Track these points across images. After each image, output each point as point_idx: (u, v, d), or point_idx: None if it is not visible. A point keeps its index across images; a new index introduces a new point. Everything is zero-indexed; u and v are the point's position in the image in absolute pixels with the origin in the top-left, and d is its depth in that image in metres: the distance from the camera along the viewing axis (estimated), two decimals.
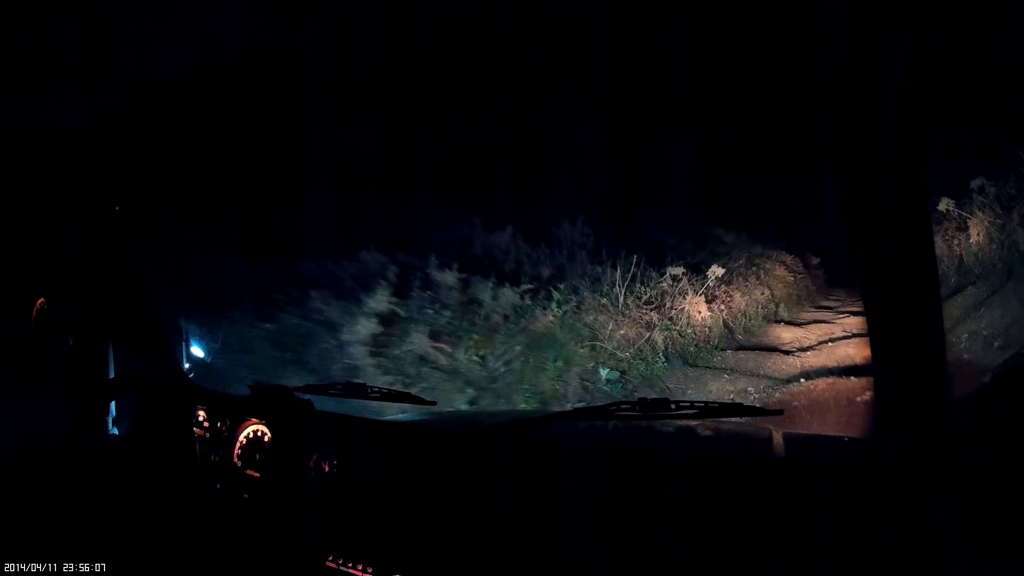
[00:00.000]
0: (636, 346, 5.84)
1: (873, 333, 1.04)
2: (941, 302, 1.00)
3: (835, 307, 7.49)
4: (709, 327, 6.31)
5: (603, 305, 6.10)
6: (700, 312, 6.29)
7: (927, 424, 1.02)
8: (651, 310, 6.18)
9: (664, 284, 6.33)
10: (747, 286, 6.99)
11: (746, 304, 6.77)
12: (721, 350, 6.22)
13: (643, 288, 6.25)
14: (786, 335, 6.53)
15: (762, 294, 7.05)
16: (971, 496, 1.01)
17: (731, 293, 6.69)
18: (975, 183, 5.94)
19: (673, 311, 6.25)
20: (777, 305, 7.21)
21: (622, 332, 5.94)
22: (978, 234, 5.89)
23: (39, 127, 1.77)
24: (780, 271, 7.68)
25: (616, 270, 6.18)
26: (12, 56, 1.38)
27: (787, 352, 6.01)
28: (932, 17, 0.86)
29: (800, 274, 7.99)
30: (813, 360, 5.63)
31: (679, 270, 6.38)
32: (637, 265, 6.25)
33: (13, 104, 1.64)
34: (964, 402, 1.10)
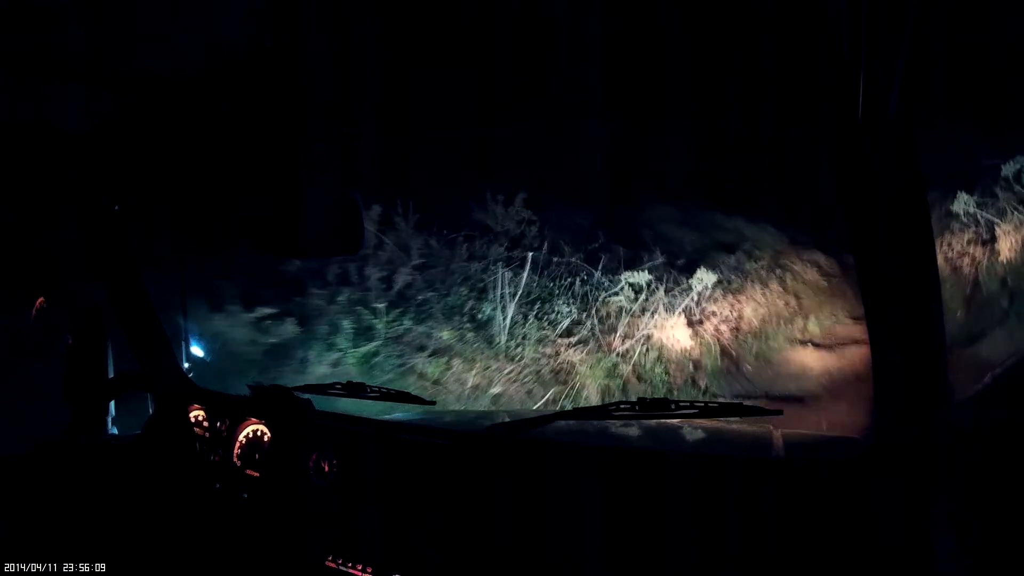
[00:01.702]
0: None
1: (873, 333, 1.04)
2: (942, 302, 1.00)
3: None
4: (695, 360, 4.53)
5: (467, 340, 3.80)
6: (678, 340, 4.51)
7: (927, 424, 1.02)
8: (572, 346, 4.04)
9: (620, 298, 4.33)
10: (766, 294, 5.41)
11: (762, 318, 5.10)
12: (711, 397, 4.38)
13: (573, 305, 4.12)
14: (813, 363, 4.79)
15: (786, 305, 5.50)
16: (971, 496, 1.01)
17: (741, 304, 5.13)
18: (1008, 169, 4.17)
19: (629, 340, 4.26)
20: (806, 318, 5.58)
21: (475, 381, 3.79)
22: (1011, 248, 4.29)
23: (39, 127, 1.77)
24: (811, 274, 6.10)
25: (525, 271, 3.99)
26: (12, 55, 1.38)
27: (805, 402, 4.34)
28: (932, 17, 0.86)
29: (835, 277, 6.23)
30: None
31: (643, 278, 4.35)
32: (580, 268, 4.17)
33: (13, 103, 1.64)
34: (964, 402, 1.10)
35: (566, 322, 4.12)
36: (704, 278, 4.57)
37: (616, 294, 4.32)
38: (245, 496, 1.75)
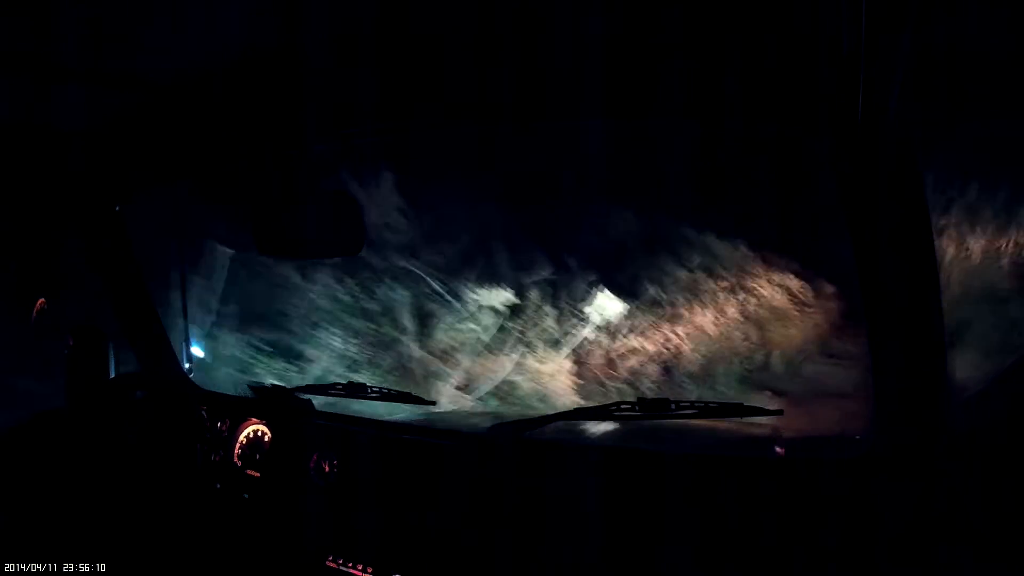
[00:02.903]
0: None
1: (873, 334, 1.04)
2: (941, 302, 1.00)
3: (850, 355, 5.54)
4: None
5: None
6: (559, 394, 3.07)
7: (927, 424, 1.02)
8: None
9: (477, 328, 2.77)
10: (719, 323, 4.47)
11: (709, 355, 4.07)
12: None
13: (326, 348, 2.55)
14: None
15: (745, 338, 4.52)
16: (971, 496, 1.01)
17: (679, 336, 4.13)
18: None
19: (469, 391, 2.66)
20: (768, 355, 4.54)
21: None
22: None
23: (40, 127, 1.77)
24: (781, 299, 6.03)
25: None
26: (13, 55, 1.38)
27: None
28: (932, 16, 0.86)
29: (809, 307, 6.12)
30: None
31: (482, 297, 2.74)
32: (419, 279, 2.62)
33: (14, 103, 1.64)
34: (964, 402, 1.09)
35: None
36: (607, 307, 3.13)
37: (469, 319, 2.67)
38: (246, 496, 1.76)
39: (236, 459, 1.82)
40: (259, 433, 1.80)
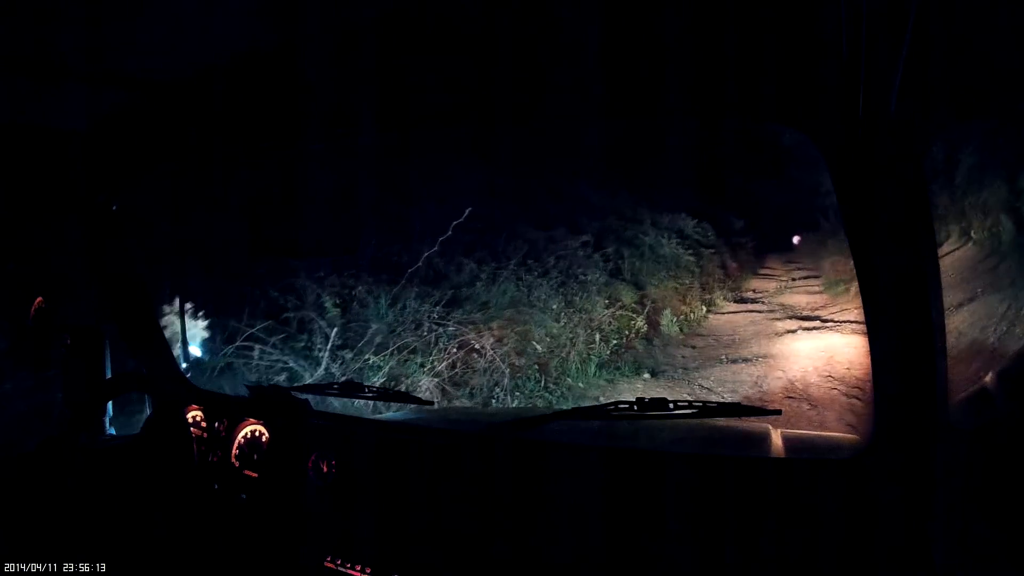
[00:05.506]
0: None
1: (873, 333, 1.04)
2: (942, 301, 1.00)
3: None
4: None
5: None
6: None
7: (927, 424, 1.02)
8: None
9: None
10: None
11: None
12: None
13: None
14: None
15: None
16: (971, 496, 1.01)
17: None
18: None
19: None
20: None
21: None
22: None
23: (38, 126, 1.77)
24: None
25: None
26: (12, 55, 1.38)
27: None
28: (932, 16, 0.86)
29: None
30: None
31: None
32: None
33: (12, 103, 1.64)
34: (964, 402, 1.10)
35: None
36: None
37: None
38: (244, 497, 1.75)
39: (234, 459, 1.81)
40: (257, 433, 1.80)
